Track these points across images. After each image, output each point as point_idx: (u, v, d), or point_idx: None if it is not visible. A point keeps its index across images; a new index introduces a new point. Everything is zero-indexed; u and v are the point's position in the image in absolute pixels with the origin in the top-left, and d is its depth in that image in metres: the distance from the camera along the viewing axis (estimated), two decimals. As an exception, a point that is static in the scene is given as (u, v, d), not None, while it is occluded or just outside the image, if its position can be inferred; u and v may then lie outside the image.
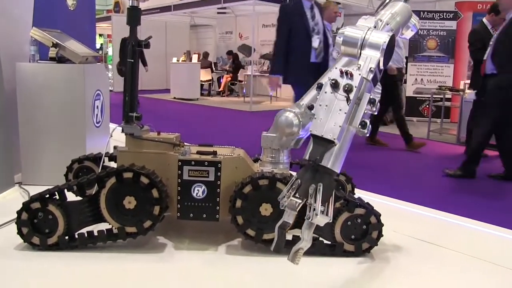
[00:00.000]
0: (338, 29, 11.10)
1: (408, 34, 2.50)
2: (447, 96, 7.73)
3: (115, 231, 2.30)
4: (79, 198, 2.35)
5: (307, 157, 1.81)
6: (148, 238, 2.40)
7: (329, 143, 1.78)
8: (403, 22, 2.28)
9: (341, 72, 1.82)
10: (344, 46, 1.94)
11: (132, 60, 2.45)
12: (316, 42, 5.25)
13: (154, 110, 9.89)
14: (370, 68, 1.85)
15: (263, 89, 14.39)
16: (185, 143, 2.59)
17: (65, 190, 2.28)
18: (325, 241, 2.34)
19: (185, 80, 12.87)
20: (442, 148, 6.29)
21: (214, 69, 15.05)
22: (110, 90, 10.69)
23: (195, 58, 13.66)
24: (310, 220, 1.73)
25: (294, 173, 2.57)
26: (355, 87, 1.80)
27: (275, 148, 2.49)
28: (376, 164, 4.95)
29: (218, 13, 15.50)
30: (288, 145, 2.50)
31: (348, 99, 1.79)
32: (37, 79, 3.34)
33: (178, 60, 13.55)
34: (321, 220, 1.73)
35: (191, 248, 2.42)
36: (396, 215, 3.14)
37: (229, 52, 14.51)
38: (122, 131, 2.46)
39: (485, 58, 4.77)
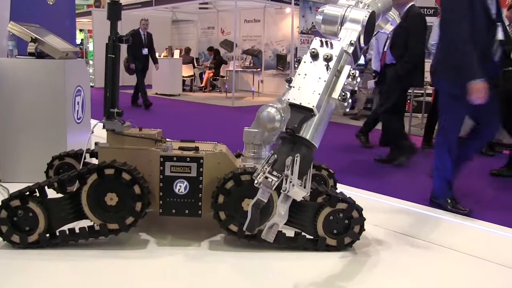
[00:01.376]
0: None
1: (388, 28, 2.51)
2: (428, 91, 7.82)
3: (97, 228, 2.28)
4: (60, 195, 2.33)
5: (284, 129, 1.74)
6: (130, 234, 2.39)
7: (308, 111, 1.74)
8: (384, 10, 2.28)
9: (321, 42, 1.80)
10: (324, 24, 1.93)
11: (113, 56, 2.43)
12: (500, 33, 3.20)
13: (136, 106, 9.80)
14: (350, 41, 1.84)
15: (245, 84, 14.37)
16: (167, 139, 2.57)
17: (46, 187, 2.26)
18: (308, 236, 2.35)
19: (167, 75, 12.76)
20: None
21: (196, 64, 14.97)
22: (91, 86, 10.54)
23: (176, 53, 13.57)
24: (286, 192, 1.66)
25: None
26: (335, 56, 1.78)
27: (257, 144, 2.50)
28: (357, 160, 5.00)
29: (200, 8, 15.41)
30: (270, 141, 2.51)
31: (328, 68, 1.76)
32: (15, 74, 3.29)
33: (159, 56, 13.44)
34: (298, 192, 1.66)
35: (174, 244, 2.42)
36: (378, 209, 3.18)
37: (210, 48, 14.45)
38: (103, 127, 2.44)
39: (385, 49, 5.28)
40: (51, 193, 2.31)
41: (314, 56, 1.79)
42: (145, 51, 9.47)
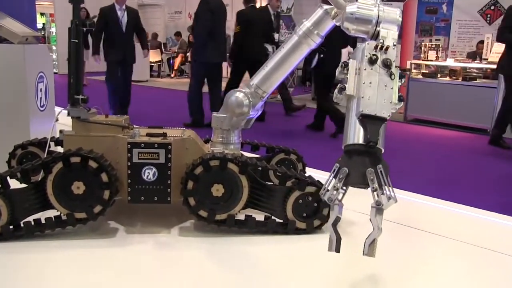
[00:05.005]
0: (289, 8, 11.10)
1: None
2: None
3: (63, 217, 2.23)
4: (24, 185, 2.27)
5: (357, 141, 1.73)
6: (98, 223, 2.35)
7: (382, 121, 1.74)
8: None
9: (376, 46, 1.78)
10: (357, 24, 1.90)
11: (76, 41, 2.36)
12: None
13: (102, 92, 9.60)
14: (394, 42, 1.83)
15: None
16: (134, 126, 2.54)
17: (8, 178, 2.19)
18: (278, 220, 2.37)
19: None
20: (389, 126, 6.49)
21: (163, 50, 14.75)
22: (55, 73, 10.21)
23: (143, 38, 13.30)
24: (381, 206, 1.65)
25: (245, 153, 2.60)
26: (393, 61, 1.77)
27: (225, 129, 2.49)
28: (327, 143, 5.07)
29: (167, -8, 15.15)
30: (239, 125, 2.50)
31: (391, 74, 1.76)
32: (-29, 61, 3.15)
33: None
34: (391, 203, 1.66)
35: (143, 231, 2.40)
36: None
37: (178, 33, 14.25)
38: (68, 114, 2.38)
39: None
40: (14, 184, 2.25)
41: (372, 63, 1.77)
42: (277, 36, 7.61)
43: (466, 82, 7.80)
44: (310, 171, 3.04)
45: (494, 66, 7.44)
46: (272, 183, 2.80)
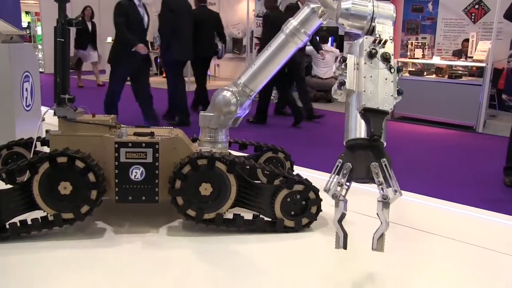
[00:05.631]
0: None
1: None
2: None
3: (50, 218, 2.22)
4: (9, 186, 2.24)
5: (359, 136, 1.73)
6: (86, 223, 2.34)
7: (384, 114, 1.74)
8: None
9: (374, 41, 1.80)
10: (352, 20, 1.91)
11: (63, 40, 2.35)
12: None
13: (89, 92, 9.53)
14: (390, 37, 1.85)
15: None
16: (121, 125, 2.52)
17: (-7, 178, 2.17)
18: (266, 218, 2.38)
19: (121, 60, 12.44)
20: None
21: (150, 48, 14.66)
22: (41, 72, 10.12)
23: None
24: (388, 200, 1.65)
25: (232, 152, 2.60)
26: (392, 55, 1.79)
27: (213, 128, 2.49)
28: (314, 140, 5.08)
29: (154, -10, 15.06)
30: (226, 124, 2.51)
31: (391, 68, 1.77)
32: (-45, 60, 3.11)
33: (112, 40, 13.07)
34: (397, 197, 1.66)
35: (132, 231, 2.39)
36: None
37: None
38: (55, 114, 2.37)
39: None
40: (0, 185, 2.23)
41: (371, 57, 1.78)
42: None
43: (452, 80, 7.89)
44: (298, 170, 3.05)
45: (479, 64, 7.55)
46: (260, 181, 2.81)
